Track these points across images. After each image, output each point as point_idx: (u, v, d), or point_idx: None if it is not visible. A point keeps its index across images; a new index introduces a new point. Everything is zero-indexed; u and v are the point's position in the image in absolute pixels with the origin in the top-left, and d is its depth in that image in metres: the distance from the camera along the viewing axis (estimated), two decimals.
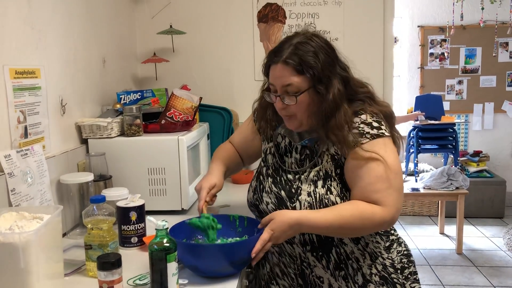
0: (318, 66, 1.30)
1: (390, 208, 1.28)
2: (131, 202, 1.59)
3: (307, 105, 1.33)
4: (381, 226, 1.32)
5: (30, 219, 1.16)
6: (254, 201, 1.49)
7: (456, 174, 4.12)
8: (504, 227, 4.69)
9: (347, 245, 1.39)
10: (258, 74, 2.67)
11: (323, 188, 1.35)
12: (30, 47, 1.62)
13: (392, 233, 1.47)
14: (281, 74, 1.32)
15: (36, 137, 1.62)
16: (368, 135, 1.31)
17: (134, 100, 2.17)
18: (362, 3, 2.61)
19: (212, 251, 1.29)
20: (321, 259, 1.41)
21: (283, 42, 1.36)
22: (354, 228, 1.29)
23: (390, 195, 1.28)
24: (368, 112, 1.35)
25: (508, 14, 4.82)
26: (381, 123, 1.34)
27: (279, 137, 1.51)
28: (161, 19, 2.64)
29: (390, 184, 1.28)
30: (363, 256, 1.40)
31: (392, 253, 1.43)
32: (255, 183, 1.51)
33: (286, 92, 1.33)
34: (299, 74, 1.30)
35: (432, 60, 5.36)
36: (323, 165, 1.37)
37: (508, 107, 5.35)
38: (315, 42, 1.33)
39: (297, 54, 1.30)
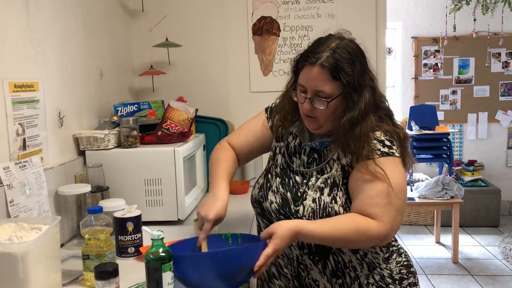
0: (355, 74, 1.29)
1: (386, 225, 1.26)
2: (127, 213, 1.61)
3: (333, 110, 1.33)
4: (374, 241, 1.30)
5: (29, 230, 1.18)
6: (258, 198, 1.47)
7: (451, 184, 4.15)
8: (499, 236, 4.72)
9: (345, 254, 1.39)
10: (253, 86, 2.74)
11: (329, 196, 1.35)
12: (29, 61, 1.65)
13: (392, 243, 1.46)
14: (317, 77, 1.30)
15: (34, 149, 1.65)
16: (378, 152, 1.31)
17: (131, 112, 2.20)
18: (355, 15, 2.66)
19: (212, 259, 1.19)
20: (317, 263, 1.41)
21: (318, 43, 1.34)
22: (349, 241, 1.29)
23: (388, 212, 1.27)
24: (382, 129, 1.34)
25: (500, 25, 4.90)
26: (393, 143, 1.34)
27: (290, 137, 1.49)
28: (157, 32, 2.68)
29: (390, 202, 1.27)
30: (361, 265, 1.40)
31: (391, 264, 1.43)
32: (262, 180, 1.49)
33: (316, 95, 1.32)
34: (334, 79, 1.29)
35: (426, 70, 5.42)
36: (332, 174, 1.37)
37: (501, 117, 5.41)
38: (351, 49, 1.31)
39: (334, 59, 1.28)
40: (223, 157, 1.56)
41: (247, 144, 1.60)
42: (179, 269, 1.21)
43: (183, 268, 1.20)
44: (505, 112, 5.39)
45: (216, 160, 1.55)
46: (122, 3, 2.59)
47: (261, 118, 1.61)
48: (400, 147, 1.35)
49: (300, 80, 1.35)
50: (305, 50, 1.36)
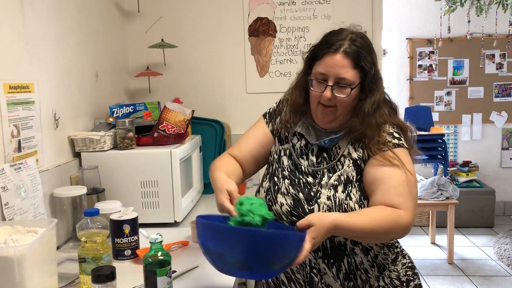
0: (371, 64, 1.33)
1: (410, 213, 1.26)
2: (124, 215, 1.60)
3: (352, 100, 1.34)
4: (404, 230, 1.28)
5: (25, 233, 1.17)
6: (267, 201, 1.40)
7: (446, 184, 4.16)
8: (494, 237, 4.74)
9: (358, 255, 1.37)
10: (249, 87, 2.73)
11: (343, 193, 1.33)
12: (24, 62, 1.63)
13: (396, 245, 1.46)
14: (340, 64, 1.30)
15: (29, 151, 1.63)
16: (390, 144, 1.33)
17: (127, 113, 2.19)
18: (351, 16, 2.65)
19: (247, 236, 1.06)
20: (332, 266, 1.37)
21: (333, 34, 1.35)
22: (384, 232, 1.25)
23: (410, 201, 1.28)
24: (389, 122, 1.37)
25: (494, 26, 4.92)
26: (400, 135, 1.37)
27: (294, 139, 1.46)
28: (153, 33, 2.67)
29: (410, 191, 1.28)
30: (372, 267, 1.39)
31: (398, 266, 1.43)
32: (267, 184, 1.43)
33: (337, 83, 1.32)
34: (355, 67, 1.31)
35: (420, 71, 5.43)
36: (345, 170, 1.36)
37: (496, 118, 5.43)
38: (366, 40, 1.36)
39: (356, 46, 1.31)
40: (222, 163, 1.48)
41: (249, 151, 1.52)
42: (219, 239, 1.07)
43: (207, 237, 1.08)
44: (499, 113, 5.42)
45: (214, 169, 1.44)
46: (118, 4, 2.58)
47: (260, 124, 1.56)
48: (406, 140, 1.37)
49: (320, 68, 1.34)
50: (323, 40, 1.36)
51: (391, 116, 1.39)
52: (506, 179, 5.47)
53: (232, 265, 1.08)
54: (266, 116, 1.57)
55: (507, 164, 5.48)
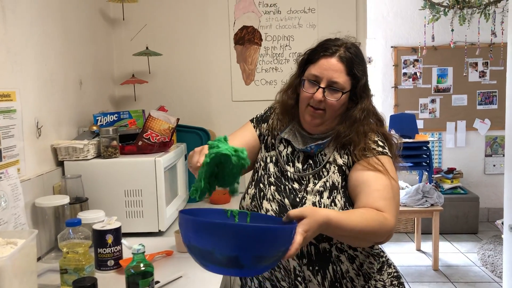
0: (365, 73, 1.38)
1: (393, 218, 1.26)
2: (107, 225, 1.59)
3: (340, 106, 1.37)
4: (388, 233, 1.26)
5: (4, 245, 1.15)
6: (252, 208, 1.41)
7: (431, 191, 4.20)
8: (478, 243, 4.78)
9: (343, 263, 1.37)
10: (235, 95, 2.73)
11: (328, 199, 1.34)
12: (6, 70, 1.61)
13: (382, 255, 1.46)
14: (335, 68, 1.35)
15: (10, 160, 1.61)
16: (374, 151, 1.35)
17: (111, 121, 2.17)
18: (336, 25, 2.67)
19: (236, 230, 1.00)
20: (317, 274, 1.36)
21: (330, 40, 1.40)
22: (370, 232, 1.22)
23: (393, 206, 1.28)
24: (374, 131, 1.40)
25: (477, 35, 5.00)
26: (384, 143, 1.40)
27: (281, 146, 1.48)
28: (138, 41, 2.66)
29: (394, 196, 1.30)
30: (358, 276, 1.39)
31: (383, 275, 1.43)
32: (253, 190, 1.44)
33: (329, 86, 1.35)
34: (347, 74, 1.35)
35: (405, 79, 5.49)
36: (330, 176, 1.37)
37: (479, 125, 5.50)
38: (358, 50, 1.40)
39: (351, 54, 1.35)
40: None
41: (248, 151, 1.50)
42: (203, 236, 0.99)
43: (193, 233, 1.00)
44: (483, 121, 5.49)
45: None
46: (103, 12, 2.57)
47: (248, 127, 1.56)
48: (390, 149, 1.40)
49: (314, 70, 1.37)
50: (320, 45, 1.40)
51: (378, 126, 1.43)
52: (489, 185, 5.54)
53: (221, 263, 1.00)
54: (253, 121, 1.58)
55: (491, 171, 5.55)
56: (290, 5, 2.68)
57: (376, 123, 1.43)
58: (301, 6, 2.67)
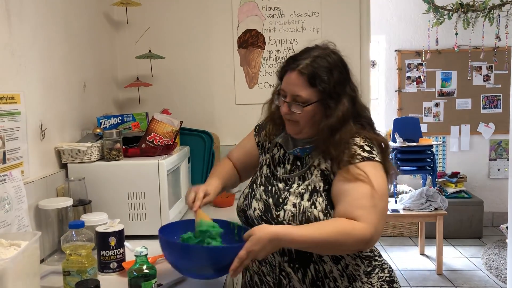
0: (331, 82, 1.36)
1: (371, 226, 1.26)
2: (110, 227, 1.59)
3: (311, 116, 1.39)
4: (361, 243, 1.28)
5: (7, 246, 1.15)
6: (243, 206, 1.51)
7: (435, 195, 4.19)
8: (482, 247, 4.76)
9: (327, 264, 1.39)
10: (238, 98, 2.73)
11: (308, 201, 1.37)
12: (10, 73, 1.62)
13: (376, 258, 1.47)
14: (295, 82, 1.37)
15: (14, 163, 1.62)
16: (359, 157, 1.34)
17: (115, 124, 2.18)
18: (339, 29, 2.68)
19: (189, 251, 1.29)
20: (297, 271, 1.41)
21: (303, 52, 1.42)
22: (334, 244, 1.26)
23: (373, 214, 1.27)
24: (362, 136, 1.39)
25: (481, 39, 4.99)
26: (373, 148, 1.37)
27: (275, 149, 1.55)
28: (142, 44, 2.67)
29: (374, 204, 1.28)
30: (342, 277, 1.40)
31: (373, 278, 1.43)
32: (247, 190, 1.54)
33: (294, 100, 1.38)
34: (310, 86, 1.36)
35: (409, 83, 5.49)
36: (312, 180, 1.40)
37: (483, 129, 5.49)
38: (332, 59, 1.39)
39: (313, 67, 1.36)
40: (220, 165, 1.73)
41: (239, 158, 1.71)
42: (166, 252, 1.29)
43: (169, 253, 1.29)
44: (487, 125, 5.47)
45: (213, 170, 1.73)
46: (107, 15, 2.58)
47: (250, 135, 1.70)
48: (381, 153, 1.39)
49: (283, 85, 1.43)
50: (287, 59, 1.44)
51: (366, 130, 1.42)
52: (494, 189, 5.51)
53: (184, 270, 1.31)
54: (256, 128, 1.69)
55: (495, 175, 5.53)
56: (293, 8, 2.68)
57: (363, 126, 1.42)
58: (304, 10, 2.68)
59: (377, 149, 1.38)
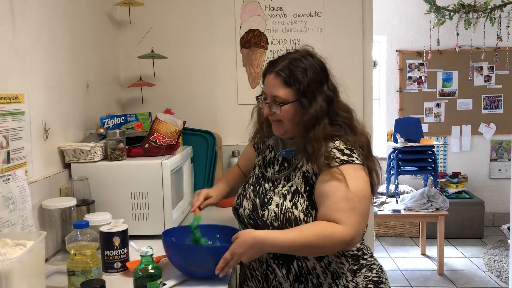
0: (305, 82, 1.42)
1: (350, 228, 1.31)
2: (114, 227, 1.59)
3: (292, 115, 1.45)
4: (341, 245, 1.35)
5: (13, 246, 1.15)
6: (236, 205, 1.61)
7: (436, 196, 4.19)
8: (483, 248, 4.76)
9: (310, 261, 1.44)
10: (241, 98, 2.73)
11: (290, 202, 1.43)
12: (14, 73, 1.62)
13: (365, 257, 1.49)
14: (272, 83, 1.45)
15: (18, 162, 1.62)
16: (338, 160, 1.38)
17: (118, 124, 2.18)
18: (342, 29, 2.68)
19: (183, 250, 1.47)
20: (281, 267, 1.47)
21: (282, 56, 1.51)
22: (315, 247, 1.33)
23: (353, 216, 1.32)
24: (342, 139, 1.43)
25: (482, 39, 4.99)
26: (353, 151, 1.41)
27: (267, 151, 1.64)
28: (144, 44, 2.67)
29: (354, 207, 1.33)
30: (325, 274, 1.45)
31: (358, 277, 1.46)
32: (241, 190, 1.64)
33: (274, 100, 1.46)
34: (287, 86, 1.43)
35: (410, 83, 5.49)
36: (295, 181, 1.46)
37: (484, 129, 5.49)
38: (308, 61, 1.45)
39: (288, 68, 1.43)
40: (229, 171, 1.92)
41: (243, 165, 1.84)
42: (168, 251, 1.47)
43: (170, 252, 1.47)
44: (488, 125, 5.48)
45: (222, 176, 1.91)
46: (110, 15, 2.58)
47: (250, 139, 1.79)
48: (362, 155, 1.42)
49: (264, 88, 1.52)
50: (269, 61, 1.53)
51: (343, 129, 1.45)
52: (495, 190, 5.52)
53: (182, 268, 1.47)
54: (253, 132, 1.78)
55: (496, 175, 5.53)
56: (296, 8, 2.68)
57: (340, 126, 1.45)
58: (307, 10, 2.68)
59: (357, 151, 1.42)
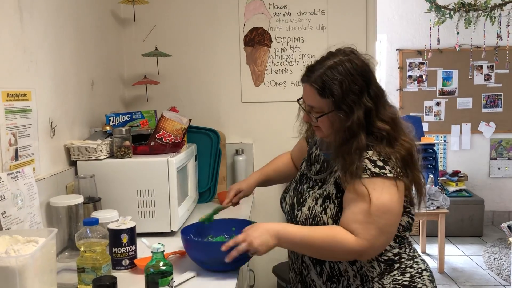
0: (340, 95, 1.34)
1: (364, 241, 1.29)
2: (122, 224, 1.59)
3: (329, 125, 1.41)
4: (351, 255, 1.34)
5: (25, 243, 1.15)
6: (281, 199, 1.65)
7: (437, 194, 4.20)
8: (483, 246, 4.78)
9: (342, 263, 1.43)
10: (244, 96, 2.74)
11: (321, 207, 1.42)
12: (22, 70, 1.62)
13: (401, 261, 1.43)
14: (308, 94, 1.42)
15: (26, 160, 1.62)
16: (368, 172, 1.32)
17: (123, 122, 2.18)
18: (345, 27, 2.69)
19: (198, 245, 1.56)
20: (315, 265, 1.48)
21: (319, 61, 1.42)
22: (324, 248, 1.33)
23: (368, 230, 1.29)
24: (376, 149, 1.35)
25: (482, 38, 5.00)
26: (387, 163, 1.33)
27: (314, 147, 1.63)
28: (148, 41, 2.67)
29: (372, 221, 1.29)
30: (355, 277, 1.42)
31: (386, 279, 1.41)
32: (287, 184, 1.69)
33: (311, 109, 1.44)
34: (322, 97, 1.38)
35: (410, 82, 5.50)
36: (327, 186, 1.44)
37: (484, 128, 5.50)
38: (344, 68, 1.35)
39: (323, 79, 1.36)
40: (277, 158, 1.92)
41: (295, 154, 1.85)
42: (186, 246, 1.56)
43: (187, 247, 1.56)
44: (488, 124, 5.49)
45: (273, 160, 1.92)
46: (114, 13, 2.58)
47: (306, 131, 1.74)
48: (399, 167, 1.33)
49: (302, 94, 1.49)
50: (307, 66, 1.45)
51: (381, 143, 1.36)
52: (494, 188, 5.54)
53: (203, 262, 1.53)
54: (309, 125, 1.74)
55: (496, 174, 5.55)
56: (300, 7, 2.69)
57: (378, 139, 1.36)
58: (311, 8, 2.68)
59: (392, 163, 1.33)
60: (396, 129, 1.38)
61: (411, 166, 1.37)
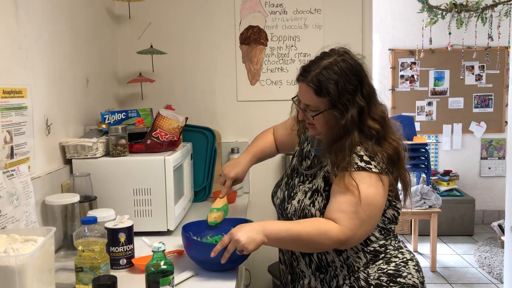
0: (335, 94, 1.38)
1: (347, 230, 1.33)
2: (119, 223, 1.57)
3: (324, 122, 1.45)
4: (335, 243, 1.36)
5: (23, 242, 1.14)
6: (272, 193, 1.68)
7: (429, 193, 4.22)
8: (474, 245, 4.82)
9: (329, 254, 1.47)
10: (240, 95, 2.73)
11: (309, 200, 1.47)
12: (17, 66, 1.60)
13: (387, 251, 1.47)
14: (304, 93, 1.45)
15: (21, 158, 1.59)
16: (355, 166, 1.37)
17: (119, 120, 2.16)
18: (341, 26, 2.69)
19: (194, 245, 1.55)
20: (304, 256, 1.52)
21: (314, 61, 1.45)
22: (310, 240, 1.35)
23: (352, 220, 1.34)
24: (364, 146, 1.40)
25: (473, 39, 5.04)
26: (373, 159, 1.38)
27: (305, 143, 1.65)
28: (143, 39, 2.65)
29: (356, 211, 1.33)
30: (342, 266, 1.47)
31: (371, 269, 1.45)
32: (279, 179, 1.72)
33: (307, 107, 1.46)
34: (318, 96, 1.41)
35: (402, 82, 5.52)
36: (317, 180, 1.49)
37: (475, 128, 5.55)
38: (339, 68, 1.39)
39: (319, 79, 1.39)
40: (262, 137, 1.90)
41: (281, 139, 1.85)
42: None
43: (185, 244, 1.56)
44: (478, 124, 5.54)
45: (256, 137, 1.90)
46: (109, 10, 2.55)
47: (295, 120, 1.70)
48: (384, 164, 1.38)
49: (298, 93, 1.52)
50: (303, 66, 1.47)
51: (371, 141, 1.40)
52: (485, 188, 5.59)
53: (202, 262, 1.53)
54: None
55: (486, 173, 5.60)
56: (296, 5, 2.68)
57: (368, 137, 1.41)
58: (307, 7, 2.68)
59: (378, 159, 1.38)
60: (385, 128, 1.44)
61: (397, 164, 1.42)
